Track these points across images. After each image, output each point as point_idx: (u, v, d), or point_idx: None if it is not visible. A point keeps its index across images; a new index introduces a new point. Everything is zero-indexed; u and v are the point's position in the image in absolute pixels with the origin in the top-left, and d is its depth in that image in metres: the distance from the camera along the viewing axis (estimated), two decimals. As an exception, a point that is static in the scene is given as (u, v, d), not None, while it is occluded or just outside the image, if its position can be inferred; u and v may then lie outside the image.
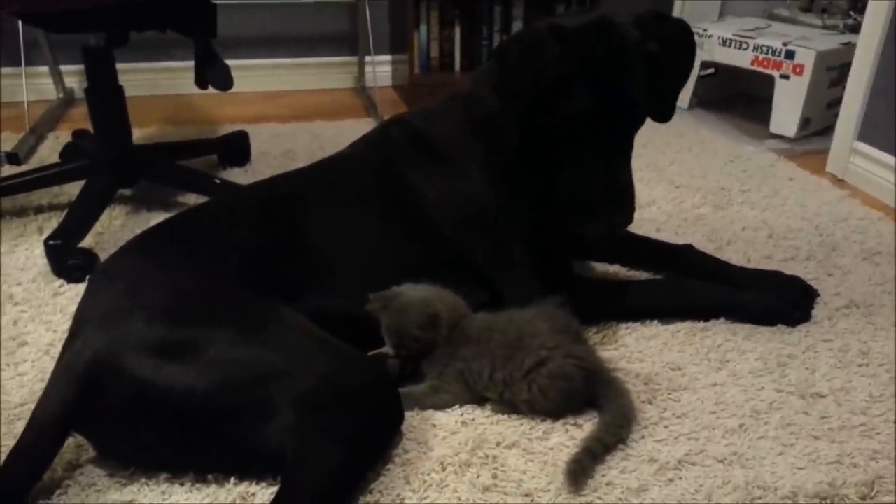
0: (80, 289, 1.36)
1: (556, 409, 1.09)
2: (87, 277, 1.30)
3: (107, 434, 0.98)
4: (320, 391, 0.93)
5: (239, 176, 2.00)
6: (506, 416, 1.10)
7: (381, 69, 2.88)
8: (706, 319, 1.34)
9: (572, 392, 1.08)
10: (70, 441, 1.00)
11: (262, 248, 1.17)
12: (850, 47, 2.22)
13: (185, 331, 0.96)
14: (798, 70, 2.32)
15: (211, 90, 1.80)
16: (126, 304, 1.00)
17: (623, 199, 1.20)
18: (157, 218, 1.62)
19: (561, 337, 1.10)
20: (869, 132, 2.04)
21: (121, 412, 0.94)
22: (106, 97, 1.73)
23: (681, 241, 1.57)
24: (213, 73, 1.77)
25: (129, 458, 1.00)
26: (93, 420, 0.96)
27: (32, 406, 0.95)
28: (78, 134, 2.12)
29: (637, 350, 1.26)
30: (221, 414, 0.92)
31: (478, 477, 0.99)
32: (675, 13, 2.85)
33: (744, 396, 1.16)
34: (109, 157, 1.76)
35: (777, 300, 1.36)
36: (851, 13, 2.71)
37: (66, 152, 2.06)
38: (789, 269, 1.50)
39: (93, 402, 0.93)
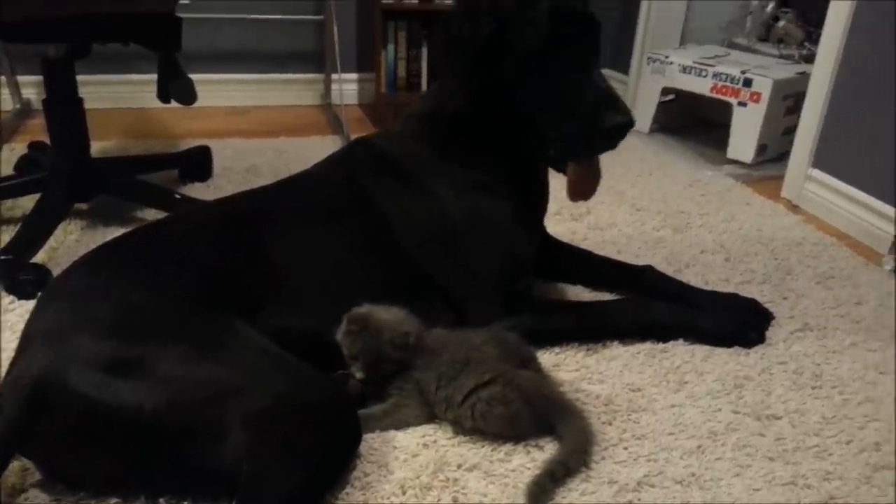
0: (31, 305, 1.32)
1: (500, 432, 1.08)
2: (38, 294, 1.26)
3: (54, 455, 0.94)
4: (275, 410, 0.91)
5: (200, 191, 1.98)
6: (467, 438, 1.09)
7: (347, 87, 2.89)
8: (665, 340, 1.36)
9: (514, 417, 1.07)
10: (14, 464, 0.96)
11: (221, 264, 1.15)
12: (804, 76, 2.29)
13: (135, 347, 0.93)
14: (755, 98, 2.39)
15: (174, 104, 1.78)
16: (74, 320, 0.97)
17: (616, 101, 1.20)
18: (114, 233, 1.58)
19: (506, 365, 1.10)
20: (823, 159, 2.10)
21: (67, 431, 0.90)
22: (65, 109, 1.70)
23: (641, 262, 1.59)
24: (176, 87, 1.75)
25: (77, 481, 0.96)
26: (39, 440, 0.92)
27: (-24, 427, 0.92)
28: (34, 146, 2.08)
29: (598, 371, 1.27)
30: (172, 433, 0.90)
31: (438, 500, 0.98)
32: (637, 40, 2.92)
33: (702, 418, 1.17)
34: (66, 170, 1.73)
35: (734, 322, 1.39)
36: (806, 44, 2.80)
37: (22, 164, 2.01)
38: (745, 292, 1.53)
39: (39, 421, 0.90)
